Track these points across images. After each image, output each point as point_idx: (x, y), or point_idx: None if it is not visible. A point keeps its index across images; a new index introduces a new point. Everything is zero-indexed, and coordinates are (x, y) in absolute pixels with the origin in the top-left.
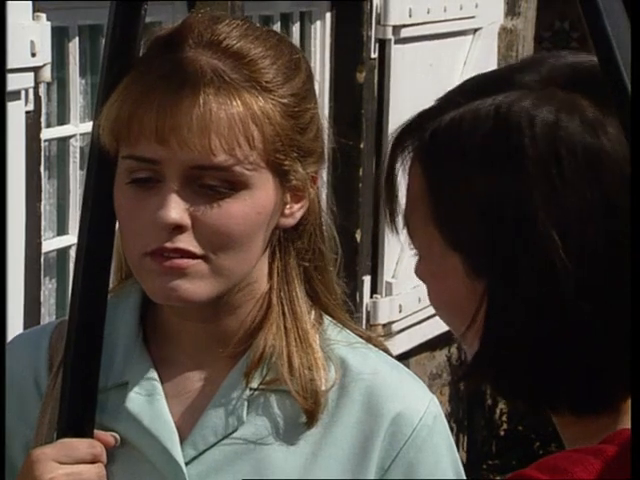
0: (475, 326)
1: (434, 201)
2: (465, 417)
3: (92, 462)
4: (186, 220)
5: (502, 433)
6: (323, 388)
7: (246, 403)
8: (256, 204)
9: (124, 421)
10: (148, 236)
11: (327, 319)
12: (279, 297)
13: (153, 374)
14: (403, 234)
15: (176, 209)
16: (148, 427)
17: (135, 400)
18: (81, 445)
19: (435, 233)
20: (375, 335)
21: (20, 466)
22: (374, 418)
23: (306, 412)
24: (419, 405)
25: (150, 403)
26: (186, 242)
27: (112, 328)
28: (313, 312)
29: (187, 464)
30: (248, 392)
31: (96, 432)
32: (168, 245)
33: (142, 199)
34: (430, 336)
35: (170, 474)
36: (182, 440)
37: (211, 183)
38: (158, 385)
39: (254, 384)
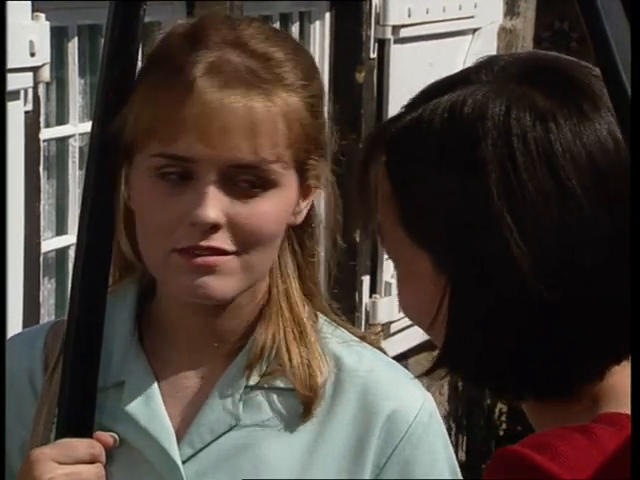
0: (440, 318)
1: (399, 202)
2: (464, 417)
3: (91, 462)
4: (222, 219)
5: (501, 433)
6: (320, 380)
7: (242, 401)
8: (284, 202)
9: (122, 421)
10: (179, 233)
11: (322, 317)
12: (277, 293)
13: (149, 373)
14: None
15: (214, 208)
16: (145, 427)
17: (132, 400)
18: (80, 445)
19: (403, 235)
20: (369, 334)
21: (17, 465)
22: (369, 416)
23: (304, 404)
24: (414, 403)
25: (147, 403)
26: (220, 241)
27: (109, 327)
28: (307, 308)
29: (184, 463)
30: (244, 390)
31: (95, 432)
32: (202, 244)
33: (171, 195)
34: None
35: (168, 473)
36: (179, 439)
37: (247, 179)
38: (154, 384)
39: (252, 381)
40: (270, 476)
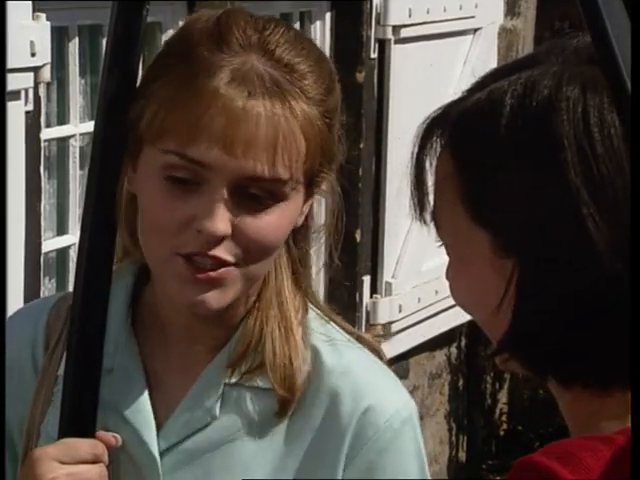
0: (503, 308)
1: (462, 179)
2: (465, 417)
3: (93, 462)
4: (230, 230)
5: (502, 433)
6: (300, 381)
7: (220, 398)
8: (290, 215)
9: (107, 409)
10: (184, 237)
11: (312, 312)
12: (268, 289)
13: (138, 363)
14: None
15: (223, 220)
16: (128, 417)
17: (118, 389)
18: (83, 445)
19: (462, 212)
20: (367, 334)
21: (17, 439)
22: (342, 419)
23: (280, 403)
24: (387, 407)
25: (131, 393)
26: (223, 251)
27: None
28: (297, 303)
29: (161, 456)
30: (223, 388)
31: (98, 432)
32: (207, 252)
33: (179, 198)
34: (430, 336)
35: (145, 464)
36: (159, 432)
37: (257, 193)
38: (142, 375)
39: (233, 378)
40: (241, 474)
